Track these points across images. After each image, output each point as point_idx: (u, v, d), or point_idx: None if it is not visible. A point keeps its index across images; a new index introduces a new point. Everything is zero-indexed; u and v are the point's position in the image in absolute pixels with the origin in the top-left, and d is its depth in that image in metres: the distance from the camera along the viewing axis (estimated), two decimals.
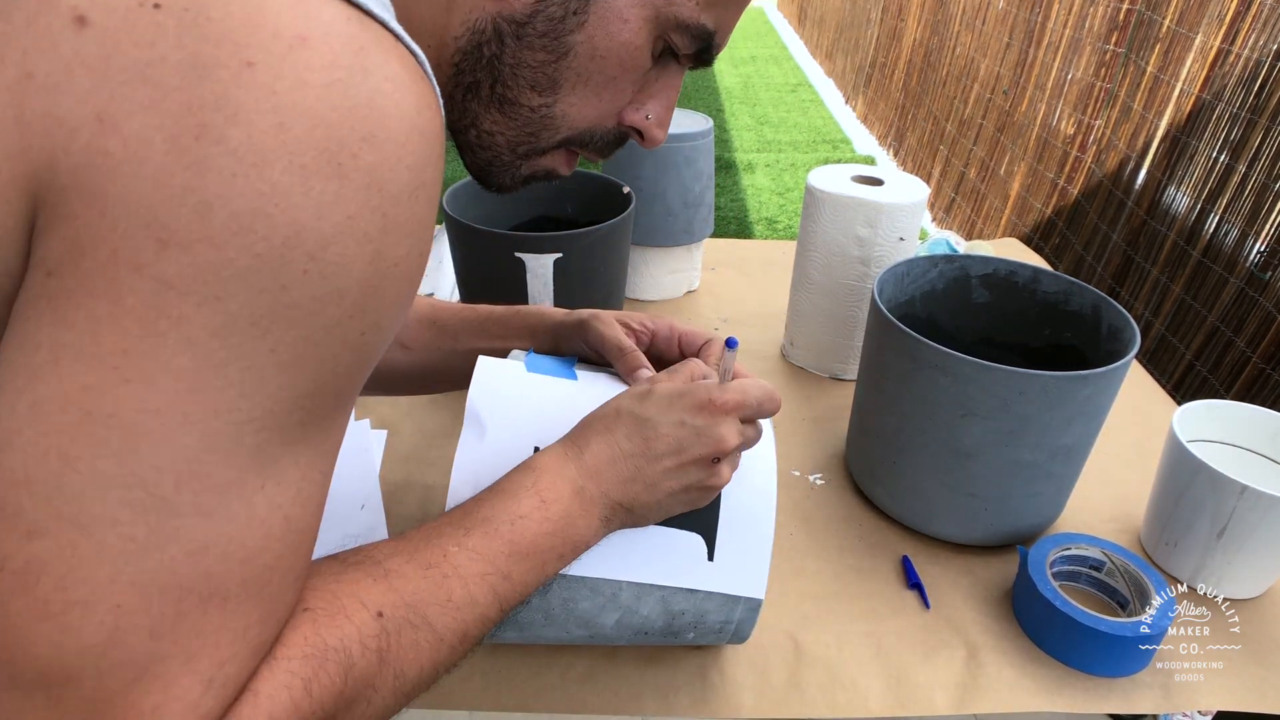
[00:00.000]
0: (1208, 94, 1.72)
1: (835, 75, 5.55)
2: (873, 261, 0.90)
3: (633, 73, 0.43)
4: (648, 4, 0.40)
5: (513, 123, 0.43)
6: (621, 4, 0.40)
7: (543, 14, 0.39)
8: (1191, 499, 0.66)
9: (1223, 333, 1.58)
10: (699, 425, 0.48)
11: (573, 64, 0.41)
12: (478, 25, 0.39)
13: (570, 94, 0.42)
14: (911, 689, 0.60)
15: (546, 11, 0.39)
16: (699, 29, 0.42)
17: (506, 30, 0.39)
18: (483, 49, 0.40)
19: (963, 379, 0.64)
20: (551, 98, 0.42)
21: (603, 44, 0.41)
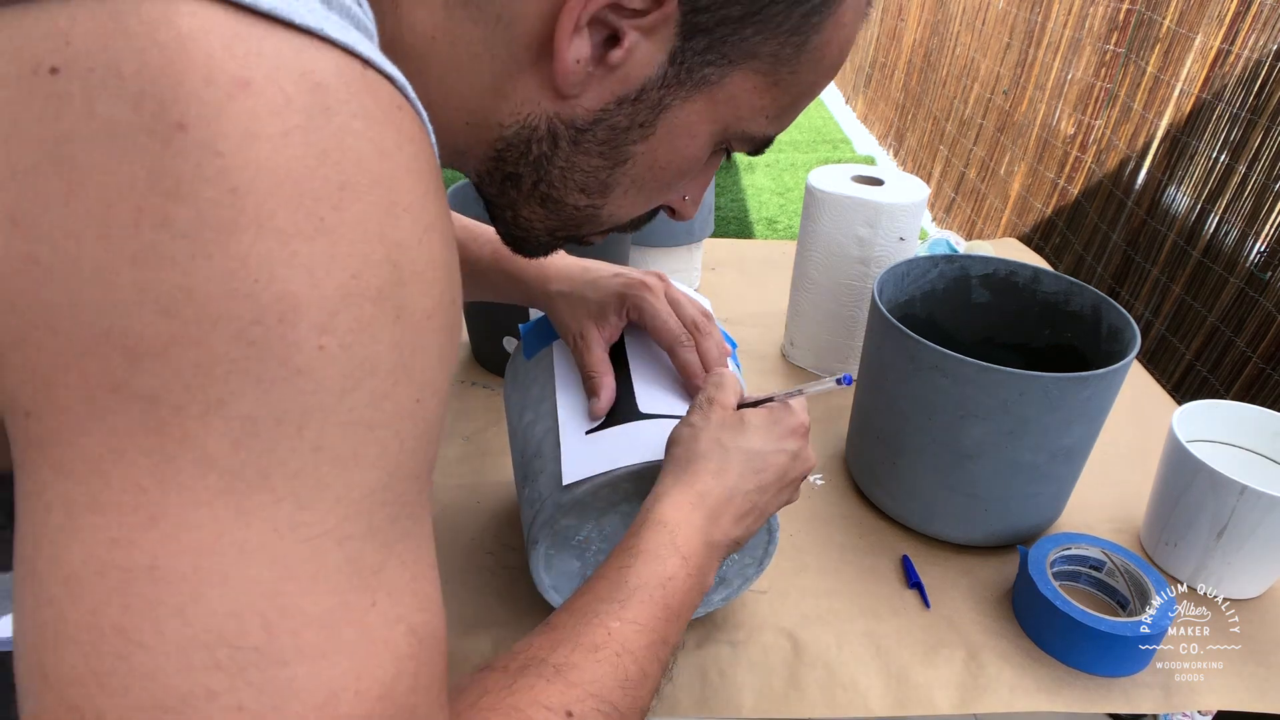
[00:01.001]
0: (1208, 94, 1.72)
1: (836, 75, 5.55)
2: (873, 261, 0.90)
3: (688, 178, 0.41)
4: (719, 120, 0.38)
5: (555, 217, 0.41)
6: (693, 119, 0.37)
7: (607, 123, 0.36)
8: (1191, 499, 0.66)
9: (1223, 333, 1.58)
10: (796, 450, 0.50)
11: (629, 171, 0.39)
12: (530, 120, 0.36)
13: (621, 197, 0.40)
14: (911, 689, 0.60)
15: (611, 121, 0.36)
16: (764, 139, 0.41)
17: (563, 133, 0.36)
18: (531, 146, 0.37)
19: (962, 380, 0.64)
20: (600, 200, 0.40)
21: (665, 156, 0.38)
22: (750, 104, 0.38)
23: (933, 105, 3.48)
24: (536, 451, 0.57)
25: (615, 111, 0.36)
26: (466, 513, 0.75)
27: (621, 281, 0.60)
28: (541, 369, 0.62)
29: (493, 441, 0.85)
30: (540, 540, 0.55)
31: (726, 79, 0.36)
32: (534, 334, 0.65)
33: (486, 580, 0.68)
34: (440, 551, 0.71)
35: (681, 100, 0.36)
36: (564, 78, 0.34)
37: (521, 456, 0.59)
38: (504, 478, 0.80)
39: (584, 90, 0.35)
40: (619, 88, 0.35)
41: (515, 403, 0.63)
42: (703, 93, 0.36)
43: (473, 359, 0.99)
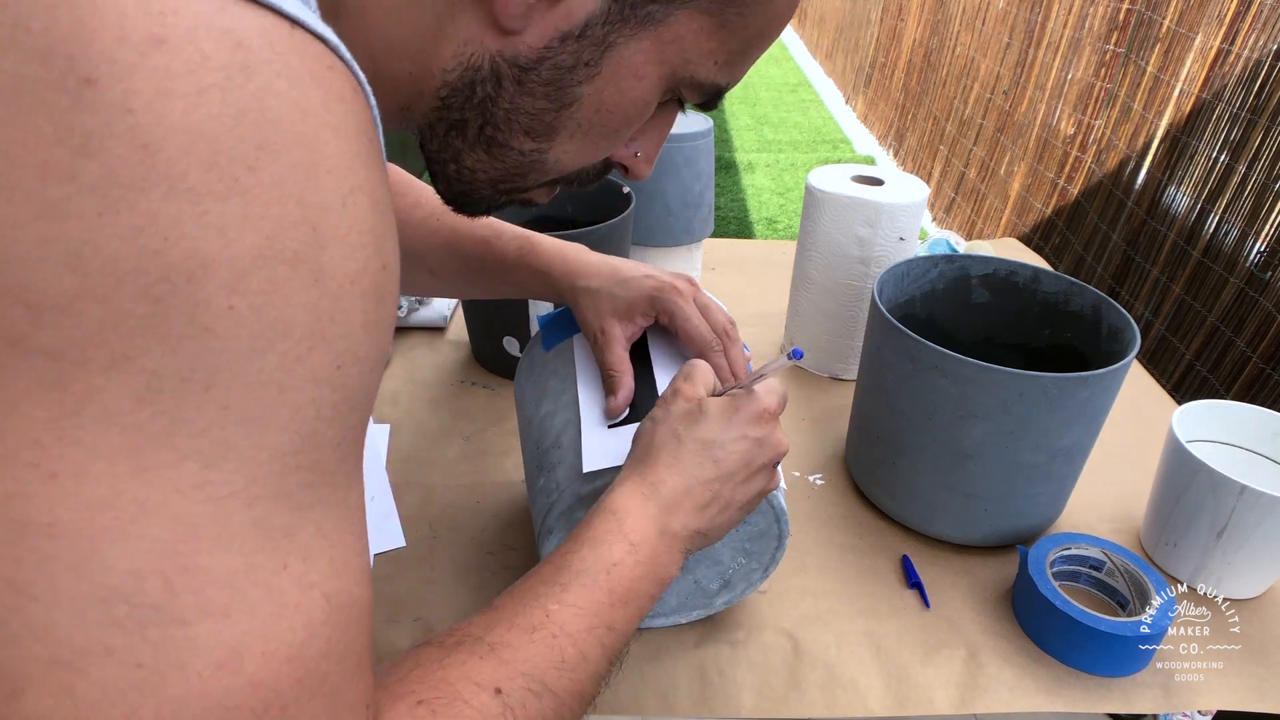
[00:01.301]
0: (1208, 94, 1.72)
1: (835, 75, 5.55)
2: (873, 261, 0.90)
3: (636, 124, 0.41)
4: (665, 61, 0.37)
5: (499, 164, 0.40)
6: (639, 59, 0.37)
7: (550, 61, 0.35)
8: (1191, 499, 0.66)
9: (1223, 333, 1.58)
10: (760, 436, 0.49)
11: (575, 114, 0.38)
12: (473, 61, 0.35)
13: (567, 141, 0.39)
14: (911, 689, 0.60)
15: (555, 59, 0.35)
16: (713, 87, 0.40)
17: (506, 72, 0.36)
18: (475, 88, 0.36)
19: (962, 380, 0.64)
20: (546, 144, 0.39)
21: (611, 98, 0.38)
22: (698, 46, 0.37)
23: (933, 105, 3.48)
24: (555, 442, 0.57)
25: (559, 49, 0.35)
26: (466, 513, 0.75)
27: (653, 284, 0.60)
28: (561, 361, 0.62)
29: (492, 441, 0.85)
30: (556, 530, 0.55)
31: (671, 18, 0.36)
32: (553, 326, 0.65)
33: (486, 580, 0.68)
34: (440, 551, 0.72)
35: (626, 39, 0.36)
36: (504, 10, 0.33)
37: (537, 447, 0.59)
38: (504, 478, 0.80)
39: (526, 25, 0.34)
40: (562, 23, 0.34)
41: (531, 394, 0.63)
42: (648, 31, 0.36)
43: (473, 359, 0.99)
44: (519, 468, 0.81)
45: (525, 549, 0.72)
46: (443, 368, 0.98)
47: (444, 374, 0.97)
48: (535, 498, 0.58)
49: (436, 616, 0.65)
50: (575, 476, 0.54)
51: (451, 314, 1.08)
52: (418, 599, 0.66)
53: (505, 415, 0.89)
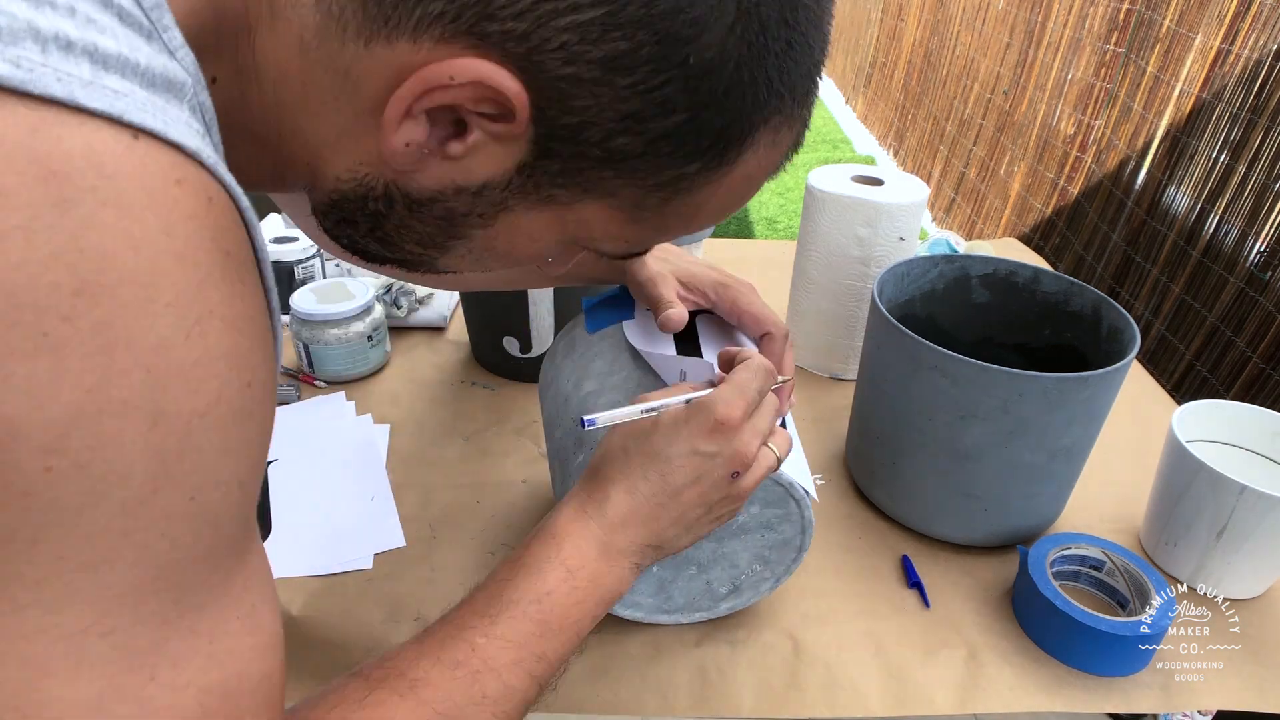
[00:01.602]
0: (1208, 94, 1.72)
1: (835, 75, 5.55)
2: (873, 261, 0.90)
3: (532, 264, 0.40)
4: (566, 232, 0.36)
5: (393, 253, 0.39)
6: (535, 226, 0.36)
7: (443, 203, 0.34)
8: (1191, 499, 0.66)
9: (1223, 333, 1.58)
10: (712, 450, 0.46)
11: (466, 245, 0.37)
12: (367, 180, 0.34)
13: (460, 261, 0.39)
14: (911, 689, 0.60)
15: (447, 204, 0.34)
16: (619, 255, 0.39)
17: (399, 198, 0.34)
18: (367, 203, 0.35)
19: (962, 380, 0.64)
20: (437, 254, 0.38)
21: (504, 247, 0.37)
22: (604, 230, 0.36)
23: (933, 105, 3.48)
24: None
25: (452, 197, 0.34)
26: (466, 512, 0.75)
27: (719, 274, 0.60)
28: (608, 345, 0.62)
29: (492, 441, 0.85)
30: None
31: (578, 204, 0.35)
32: (601, 310, 0.66)
33: None
34: (440, 551, 0.71)
35: (525, 208, 0.35)
36: (392, 156, 0.32)
37: (576, 425, 0.59)
38: (504, 478, 0.80)
39: (419, 170, 0.33)
40: (459, 177, 0.33)
41: (571, 373, 0.63)
42: (550, 208, 0.35)
43: (473, 359, 0.99)
44: (519, 467, 0.81)
45: None
46: (443, 368, 0.98)
47: (444, 374, 0.97)
48: (570, 475, 0.57)
49: (436, 616, 0.64)
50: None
51: (451, 314, 1.08)
52: (418, 599, 0.66)
53: (505, 415, 0.89)
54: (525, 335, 0.90)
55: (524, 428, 0.87)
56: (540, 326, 0.89)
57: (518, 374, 0.95)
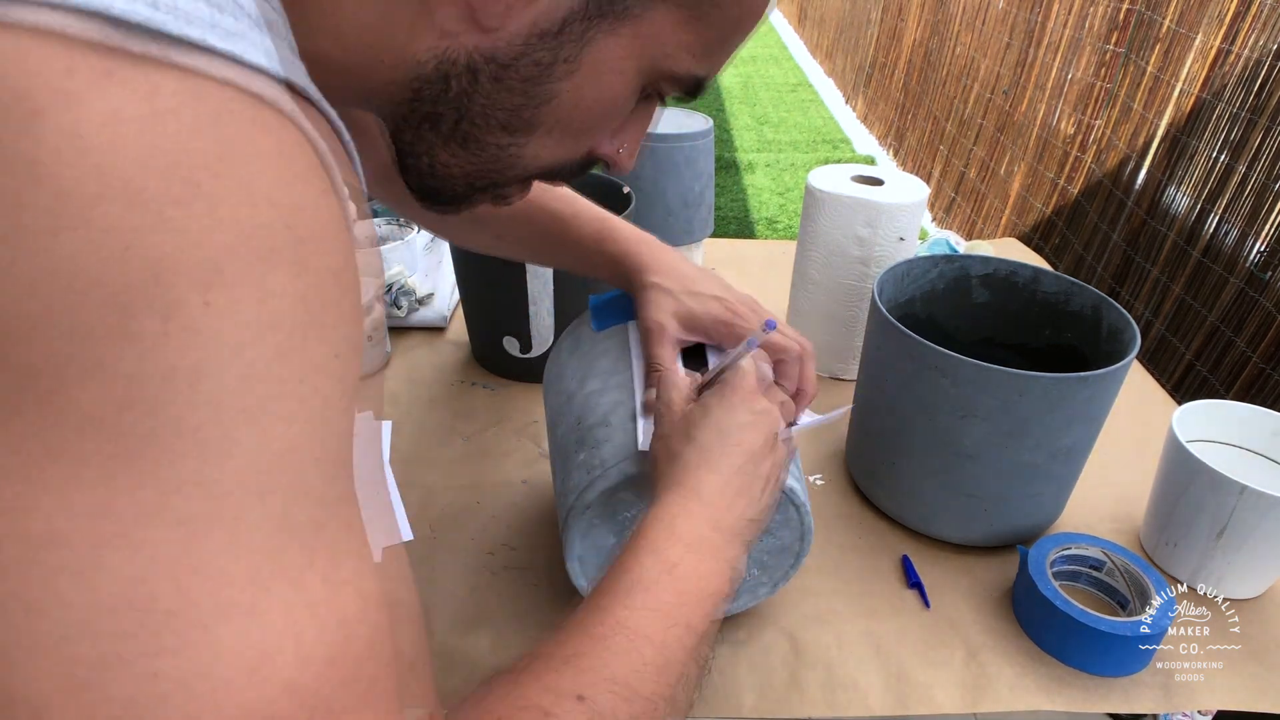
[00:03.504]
0: (1208, 94, 1.72)
1: (835, 75, 5.55)
2: (873, 261, 0.90)
3: (615, 120, 0.41)
4: (643, 55, 0.37)
5: (475, 159, 0.39)
6: (617, 55, 0.37)
7: (529, 58, 0.35)
8: (1191, 499, 0.66)
9: (1223, 333, 1.58)
10: (762, 409, 0.50)
11: (553, 110, 0.37)
12: (449, 55, 0.34)
13: (545, 136, 0.39)
14: (911, 689, 0.60)
15: (534, 56, 0.35)
16: (691, 80, 0.40)
17: (483, 68, 0.35)
18: (451, 82, 0.35)
19: (962, 380, 0.64)
20: (524, 139, 0.39)
21: (590, 94, 0.37)
22: (675, 39, 0.37)
23: (933, 105, 3.48)
24: (602, 420, 0.57)
25: (538, 45, 0.35)
26: (466, 512, 0.75)
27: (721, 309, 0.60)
28: (614, 343, 0.62)
29: (492, 442, 0.85)
30: (593, 505, 0.55)
31: (648, 13, 0.36)
32: (608, 308, 0.66)
33: (487, 580, 0.68)
34: (440, 551, 0.72)
35: (605, 35, 0.35)
36: (483, 7, 0.33)
37: (579, 423, 0.59)
38: (504, 478, 0.80)
39: (505, 22, 0.34)
40: (541, 20, 0.34)
41: (575, 371, 0.63)
42: (626, 25, 0.36)
43: (472, 359, 0.99)
44: (519, 468, 0.81)
45: (525, 549, 0.72)
46: (443, 368, 0.98)
47: (444, 374, 0.97)
48: (571, 472, 0.58)
49: (436, 616, 0.65)
50: (624, 456, 0.54)
51: (451, 314, 1.08)
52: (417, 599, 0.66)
53: (505, 415, 0.89)
54: (525, 335, 0.90)
55: (524, 428, 0.87)
56: (540, 326, 0.90)
57: (518, 374, 0.95)
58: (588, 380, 0.61)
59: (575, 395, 0.61)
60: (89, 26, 0.22)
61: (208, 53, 0.24)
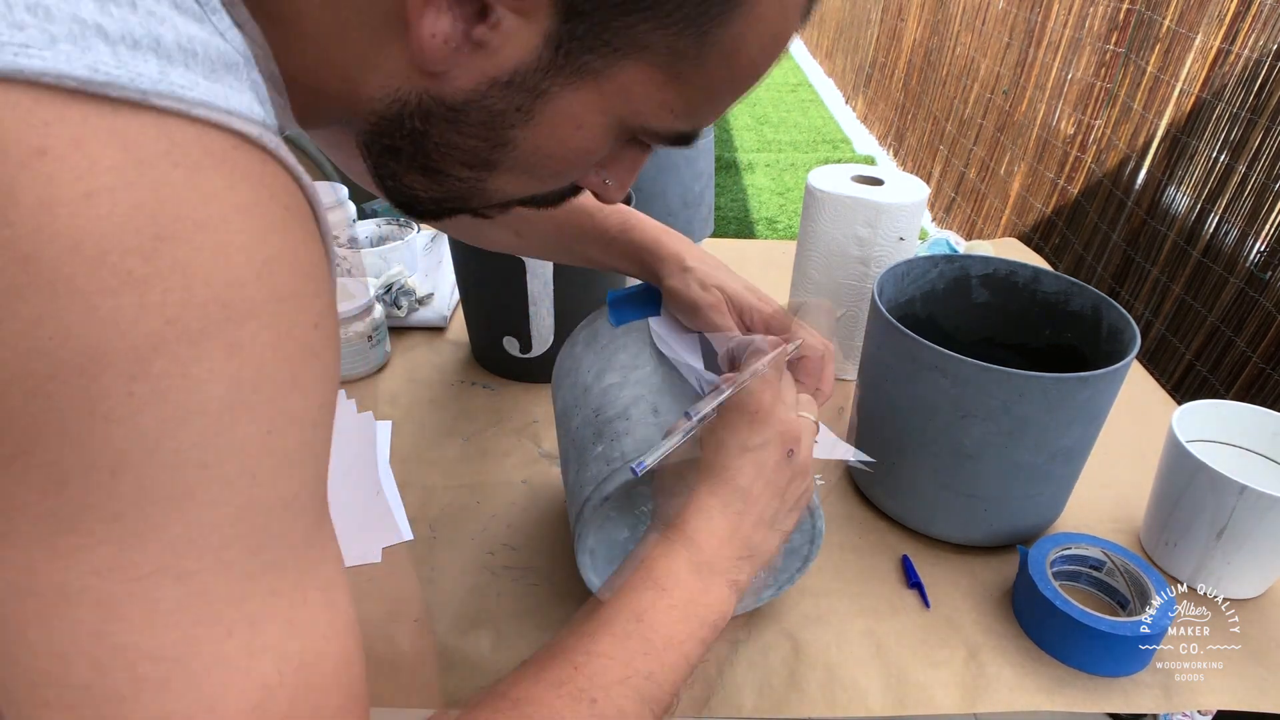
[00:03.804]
0: (1208, 94, 1.72)
1: (835, 75, 5.55)
2: (873, 261, 0.90)
3: (583, 167, 0.38)
4: (610, 111, 0.35)
5: (439, 187, 0.38)
6: (577, 110, 0.34)
7: (481, 105, 0.34)
8: (1191, 499, 0.66)
9: (1223, 333, 1.58)
10: (759, 441, 0.47)
11: (512, 154, 0.36)
12: (400, 95, 0.34)
13: (508, 174, 0.37)
14: (911, 689, 0.60)
15: (485, 103, 0.33)
16: (673, 135, 0.38)
17: (436, 110, 0.34)
18: (404, 121, 0.34)
19: (962, 380, 0.64)
20: (486, 174, 0.37)
21: (549, 144, 0.36)
22: (648, 98, 0.35)
23: (933, 105, 3.48)
24: (622, 414, 0.57)
25: (489, 94, 0.33)
26: (466, 512, 0.75)
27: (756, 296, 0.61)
28: (632, 339, 0.63)
29: (492, 441, 0.85)
30: (613, 496, 0.55)
31: (615, 69, 0.33)
32: (626, 303, 0.66)
33: (487, 580, 0.68)
34: (440, 551, 0.71)
35: (562, 88, 0.33)
36: (423, 54, 0.32)
37: (596, 415, 0.59)
38: (504, 478, 0.80)
39: (451, 68, 0.32)
40: (490, 69, 0.32)
41: (591, 364, 0.63)
42: (588, 82, 0.34)
43: (472, 359, 0.99)
44: (519, 467, 0.81)
45: (525, 549, 0.72)
46: (443, 368, 0.98)
47: (444, 374, 0.97)
48: (588, 464, 0.57)
49: (437, 616, 0.65)
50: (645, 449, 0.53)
51: (451, 314, 1.08)
52: (418, 599, 0.66)
53: (505, 415, 0.89)
54: (525, 335, 0.90)
55: (524, 428, 0.87)
56: (540, 326, 0.90)
57: (518, 374, 0.95)
58: (605, 374, 0.61)
59: (592, 388, 0.61)
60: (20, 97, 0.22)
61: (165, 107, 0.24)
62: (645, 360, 0.60)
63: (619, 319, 0.64)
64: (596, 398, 0.60)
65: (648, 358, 0.60)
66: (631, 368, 0.60)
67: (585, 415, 0.60)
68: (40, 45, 0.22)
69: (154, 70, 0.24)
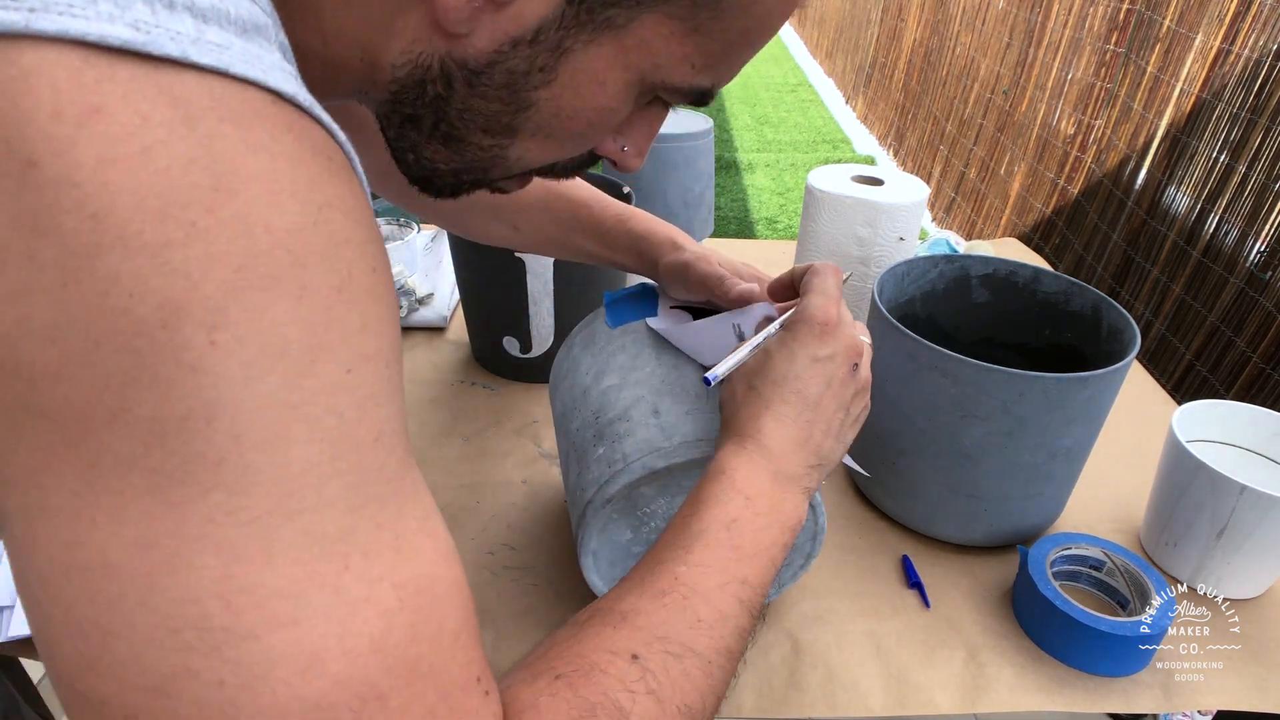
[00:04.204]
0: (1208, 94, 1.73)
1: (835, 75, 5.55)
2: (873, 261, 0.90)
3: (605, 128, 0.38)
4: (631, 67, 0.35)
5: (459, 157, 0.38)
6: (599, 66, 0.35)
7: (502, 66, 0.34)
8: (1191, 499, 0.66)
9: (1223, 333, 1.58)
10: (828, 352, 0.49)
11: (533, 117, 0.36)
12: (422, 60, 0.34)
13: (528, 141, 0.38)
14: (911, 689, 0.60)
15: (507, 64, 0.34)
16: (693, 91, 0.38)
17: (457, 74, 0.34)
18: (426, 86, 0.35)
19: (962, 380, 0.64)
20: (506, 141, 0.37)
21: (570, 104, 0.36)
22: (668, 52, 0.35)
23: (933, 105, 3.48)
24: (622, 415, 0.57)
25: (510, 54, 0.33)
26: (466, 512, 0.75)
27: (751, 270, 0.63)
28: (630, 340, 0.62)
29: (492, 441, 0.85)
30: (613, 500, 0.55)
31: (636, 23, 0.34)
32: (626, 303, 0.66)
33: (487, 580, 0.68)
34: None
35: (584, 44, 0.34)
36: (445, 14, 0.32)
37: (596, 417, 0.59)
38: (504, 478, 0.80)
39: (473, 29, 0.33)
40: (512, 28, 0.33)
41: (590, 366, 0.63)
42: (608, 37, 0.34)
43: (472, 359, 0.99)
44: (519, 467, 0.81)
45: (525, 549, 0.72)
46: (443, 368, 0.98)
47: (444, 374, 0.97)
48: (589, 467, 0.57)
49: None
50: (648, 450, 0.54)
51: (451, 314, 1.08)
52: None
53: (505, 415, 0.89)
54: (525, 335, 0.90)
55: (524, 428, 0.87)
56: (540, 326, 0.90)
57: (518, 374, 0.95)
58: (604, 376, 0.61)
59: (591, 390, 0.61)
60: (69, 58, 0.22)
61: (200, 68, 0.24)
62: (645, 361, 0.60)
63: (616, 320, 0.64)
64: (596, 400, 0.60)
65: (647, 358, 0.60)
66: (631, 369, 0.60)
67: (585, 417, 0.60)
68: (82, 5, 0.22)
69: (190, 28, 0.24)
